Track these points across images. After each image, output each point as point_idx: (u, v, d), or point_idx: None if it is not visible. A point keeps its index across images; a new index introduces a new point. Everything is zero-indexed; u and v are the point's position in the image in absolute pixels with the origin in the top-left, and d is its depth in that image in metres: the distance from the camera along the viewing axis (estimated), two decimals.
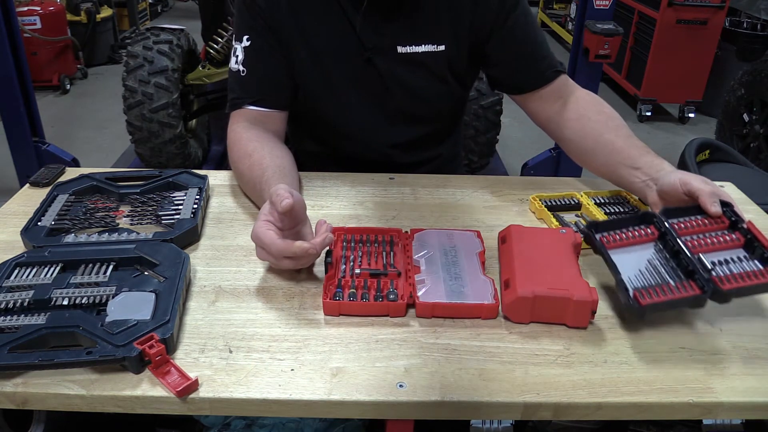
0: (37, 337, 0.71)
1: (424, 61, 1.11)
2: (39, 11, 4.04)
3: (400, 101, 1.15)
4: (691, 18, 3.68)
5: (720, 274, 0.78)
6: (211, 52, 2.71)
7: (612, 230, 0.86)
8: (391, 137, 1.19)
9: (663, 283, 0.78)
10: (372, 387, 0.69)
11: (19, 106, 2.48)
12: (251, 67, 1.09)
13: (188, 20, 4.85)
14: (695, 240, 0.83)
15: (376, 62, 1.10)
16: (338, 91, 1.14)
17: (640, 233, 0.85)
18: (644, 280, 0.79)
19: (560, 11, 6.04)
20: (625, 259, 0.82)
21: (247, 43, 1.09)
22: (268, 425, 0.96)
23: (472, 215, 1.04)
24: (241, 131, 1.08)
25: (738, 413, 0.71)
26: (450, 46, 1.10)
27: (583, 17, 2.51)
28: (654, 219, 0.86)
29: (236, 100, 1.11)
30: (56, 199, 1.01)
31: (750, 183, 2.03)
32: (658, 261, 0.82)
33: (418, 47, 1.09)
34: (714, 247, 0.83)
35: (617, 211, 1.03)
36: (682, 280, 0.78)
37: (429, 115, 1.20)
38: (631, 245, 0.84)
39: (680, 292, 0.76)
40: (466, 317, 0.79)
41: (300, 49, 1.10)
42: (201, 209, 0.99)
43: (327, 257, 0.85)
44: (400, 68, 1.11)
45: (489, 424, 0.87)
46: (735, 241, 0.83)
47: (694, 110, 4.01)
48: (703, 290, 0.75)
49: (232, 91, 1.12)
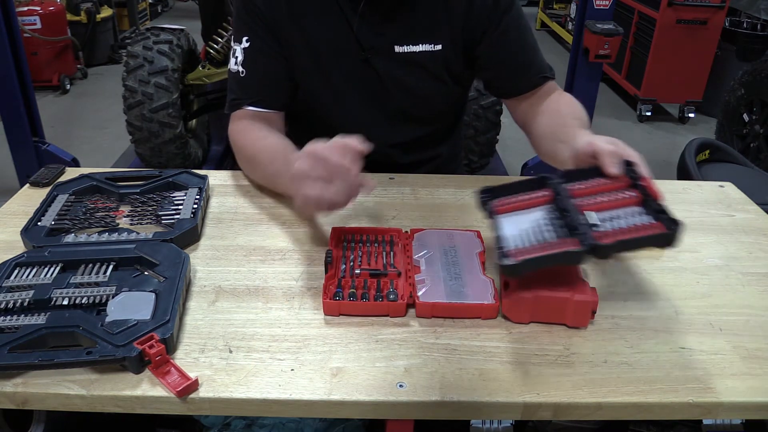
0: (37, 337, 0.71)
1: (421, 60, 1.11)
2: (39, 11, 4.04)
3: (399, 101, 1.15)
4: (691, 18, 3.68)
5: (606, 230, 0.75)
6: (211, 52, 2.70)
7: (507, 195, 0.85)
8: (390, 137, 1.19)
9: (545, 241, 0.76)
10: (372, 387, 0.69)
11: (19, 106, 2.48)
12: (250, 68, 1.09)
13: (188, 20, 4.85)
14: (591, 200, 0.81)
15: (373, 62, 1.10)
16: (337, 92, 1.14)
17: (536, 196, 0.84)
18: (528, 240, 0.77)
19: (560, 11, 6.04)
20: (517, 221, 0.80)
21: (246, 44, 1.09)
22: (268, 425, 0.96)
23: (472, 215, 1.04)
24: (245, 126, 1.10)
25: (738, 413, 0.72)
26: (446, 46, 1.10)
27: (583, 17, 2.51)
28: (549, 182, 0.84)
29: (236, 100, 1.12)
30: (56, 199, 1.01)
31: (750, 183, 2.03)
32: (547, 221, 0.80)
33: (415, 47, 1.09)
34: (609, 205, 0.80)
35: None
36: (564, 237, 0.75)
37: (427, 115, 1.20)
38: (525, 208, 0.83)
39: (558, 248, 0.73)
40: (466, 317, 0.79)
41: (299, 50, 1.10)
42: (201, 209, 0.99)
43: (327, 257, 0.85)
44: (398, 68, 1.11)
45: (489, 424, 0.87)
46: (632, 198, 0.80)
47: (694, 110, 4.01)
48: (581, 245, 0.72)
49: (232, 91, 1.13)
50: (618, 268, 0.91)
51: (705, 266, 0.93)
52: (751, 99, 3.16)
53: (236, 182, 1.13)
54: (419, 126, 1.20)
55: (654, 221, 0.76)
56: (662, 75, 3.85)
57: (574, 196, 0.81)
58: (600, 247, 0.72)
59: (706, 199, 1.13)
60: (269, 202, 1.06)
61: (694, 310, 0.83)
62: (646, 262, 0.93)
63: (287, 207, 1.05)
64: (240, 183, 1.13)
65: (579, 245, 0.72)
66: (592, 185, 0.83)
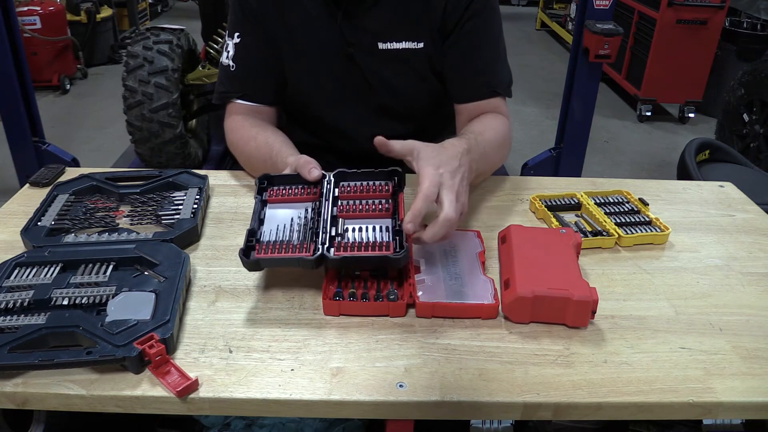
0: (37, 337, 0.71)
1: (404, 57, 1.12)
2: (39, 11, 4.04)
3: (382, 98, 1.16)
4: (691, 18, 3.68)
5: (347, 241, 0.79)
6: (211, 52, 2.70)
7: (283, 185, 0.87)
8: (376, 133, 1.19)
9: (290, 241, 0.79)
10: (372, 387, 0.69)
11: (19, 106, 2.48)
12: (240, 63, 1.12)
13: (188, 20, 4.85)
14: (352, 204, 0.84)
15: (357, 59, 1.12)
16: (324, 88, 1.16)
17: (306, 192, 0.87)
18: (278, 235, 0.80)
19: (560, 11, 6.04)
20: (279, 213, 0.82)
21: (237, 39, 1.12)
22: (268, 425, 0.96)
23: (472, 215, 1.04)
24: (239, 120, 1.13)
25: (738, 413, 0.71)
26: (428, 44, 1.11)
27: (583, 17, 2.51)
28: (323, 179, 0.88)
29: (224, 93, 1.16)
30: (56, 199, 1.01)
31: (750, 183, 2.03)
32: (304, 219, 0.83)
33: (398, 44, 1.10)
34: (364, 214, 0.84)
35: (617, 211, 1.03)
36: (306, 240, 0.79)
37: (411, 112, 1.21)
38: (293, 201, 0.86)
39: (294, 253, 0.77)
40: (466, 317, 0.79)
41: (287, 47, 1.12)
42: (201, 209, 0.99)
43: None
44: (381, 65, 1.12)
45: (489, 424, 0.87)
46: (387, 211, 0.84)
47: (694, 110, 4.01)
48: (313, 253, 0.77)
49: (221, 84, 1.16)
50: (618, 268, 0.91)
51: (705, 266, 0.93)
52: (751, 99, 3.16)
53: (236, 182, 1.13)
54: (404, 123, 1.21)
55: (390, 241, 0.79)
56: (662, 75, 3.85)
57: (340, 197, 0.85)
58: (328, 259, 0.77)
59: (706, 199, 1.13)
60: None
61: (694, 310, 0.83)
62: (646, 262, 0.93)
63: None
64: (240, 183, 1.13)
65: (311, 254, 0.77)
66: (366, 186, 0.87)
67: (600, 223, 0.99)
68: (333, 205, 0.85)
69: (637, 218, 1.01)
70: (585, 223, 1.01)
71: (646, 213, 1.02)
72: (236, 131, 1.13)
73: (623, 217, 1.01)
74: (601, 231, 0.98)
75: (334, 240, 0.79)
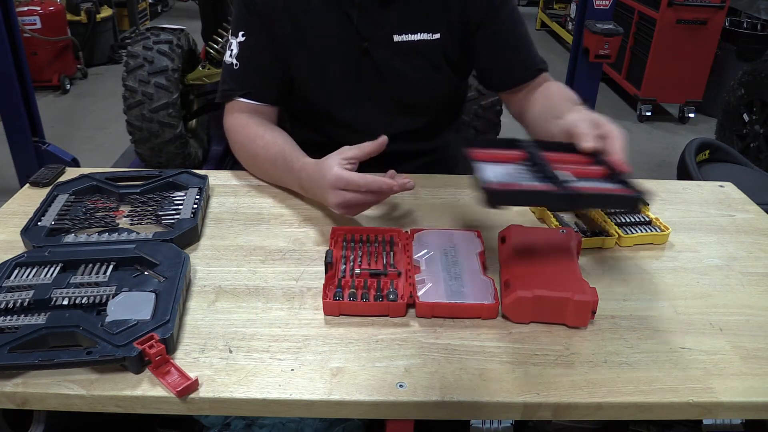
0: (37, 337, 0.71)
1: (419, 49, 1.12)
2: (39, 11, 4.04)
3: (396, 91, 1.16)
4: (691, 18, 3.68)
5: (579, 185, 0.80)
6: (211, 52, 2.70)
7: (483, 147, 0.88)
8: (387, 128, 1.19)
9: (521, 182, 0.80)
10: (372, 387, 0.69)
11: (19, 106, 2.48)
12: (244, 61, 1.13)
13: (188, 20, 4.85)
14: (561, 165, 0.85)
15: (372, 53, 1.12)
16: (336, 84, 1.16)
17: (511, 153, 0.88)
18: (504, 179, 0.81)
19: (560, 11, 6.04)
20: (491, 168, 0.84)
21: (242, 38, 1.12)
22: (268, 425, 0.96)
23: (472, 215, 1.04)
24: (242, 119, 1.14)
25: (738, 413, 0.72)
26: (444, 35, 1.12)
27: (583, 17, 2.51)
28: (522, 144, 0.89)
29: (227, 91, 1.15)
30: (56, 199, 1.01)
31: (750, 183, 2.03)
32: (522, 172, 0.84)
33: (413, 36, 1.11)
34: (578, 172, 0.85)
35: (618, 211, 1.03)
36: (540, 182, 0.80)
37: (424, 104, 1.21)
38: (499, 160, 0.87)
39: (536, 188, 0.78)
40: (466, 317, 0.79)
41: (296, 45, 1.12)
42: (201, 209, 0.99)
43: (327, 257, 0.85)
44: (396, 58, 1.13)
45: (489, 424, 0.87)
46: (598, 171, 0.85)
47: (694, 110, 4.01)
48: (558, 188, 0.77)
49: (224, 82, 1.16)
50: (618, 268, 0.91)
51: (705, 266, 0.93)
52: (751, 99, 3.16)
53: (236, 182, 1.13)
54: (416, 117, 1.21)
55: (621, 187, 0.81)
56: (662, 75, 3.85)
57: (546, 160, 0.85)
58: (575, 195, 0.77)
59: (706, 199, 1.13)
60: (269, 202, 1.06)
61: (694, 310, 0.83)
62: (646, 262, 0.93)
63: (287, 207, 1.05)
64: (240, 183, 1.13)
65: (555, 189, 0.77)
66: (560, 156, 0.87)
67: (600, 223, 0.99)
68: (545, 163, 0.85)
69: (637, 218, 1.01)
70: (585, 223, 1.01)
71: (646, 213, 1.02)
72: (240, 130, 1.13)
73: (623, 217, 1.01)
74: (601, 231, 0.98)
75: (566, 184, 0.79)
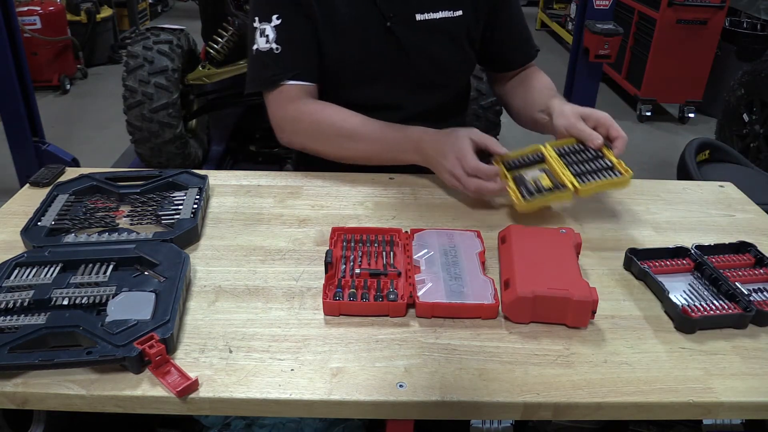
0: (37, 337, 0.71)
1: (442, 27, 1.14)
2: (39, 11, 4.04)
3: (420, 69, 1.17)
4: (691, 18, 3.69)
5: (758, 299, 0.81)
6: (211, 52, 2.70)
7: (651, 259, 0.89)
8: (410, 105, 1.21)
9: (707, 303, 0.81)
10: (372, 387, 0.69)
11: (19, 106, 2.48)
12: (286, 43, 1.11)
13: (188, 20, 4.85)
14: (727, 272, 0.87)
15: (395, 31, 1.13)
16: (361, 63, 1.16)
17: (678, 263, 0.89)
18: (689, 300, 0.82)
19: (560, 11, 6.05)
20: (668, 282, 0.85)
21: (277, 21, 1.10)
22: (268, 425, 0.96)
23: (472, 215, 1.04)
24: (307, 104, 1.13)
25: (738, 413, 0.72)
26: (467, 11, 1.14)
27: (583, 17, 2.51)
28: (689, 252, 0.90)
29: (272, 77, 1.12)
30: (56, 199, 1.01)
31: (750, 183, 2.03)
32: (699, 286, 0.85)
33: (435, 14, 1.12)
34: (744, 278, 0.86)
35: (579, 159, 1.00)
36: (725, 301, 0.81)
37: (446, 82, 1.23)
38: (670, 272, 0.88)
39: (725, 311, 0.79)
40: (466, 317, 0.79)
41: (323, 24, 1.12)
42: (201, 209, 0.99)
43: (327, 257, 0.85)
44: (419, 36, 1.14)
45: (489, 424, 0.87)
46: (762, 275, 0.87)
47: (694, 110, 4.01)
48: (745, 310, 0.78)
49: (265, 68, 1.13)
50: (618, 268, 0.91)
51: None
52: (751, 99, 3.16)
53: (236, 182, 1.13)
54: (438, 93, 1.23)
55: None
56: (662, 75, 3.85)
57: (715, 267, 0.87)
58: (765, 314, 0.79)
59: (706, 199, 1.13)
60: (269, 202, 1.06)
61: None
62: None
63: (287, 207, 1.05)
64: (240, 183, 1.13)
65: (744, 311, 0.79)
66: (721, 259, 0.90)
67: (558, 176, 0.97)
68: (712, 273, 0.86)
69: (598, 164, 0.98)
70: (545, 178, 0.99)
71: (609, 157, 0.99)
72: (315, 113, 1.11)
73: (583, 166, 0.98)
74: (558, 185, 0.96)
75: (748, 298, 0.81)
